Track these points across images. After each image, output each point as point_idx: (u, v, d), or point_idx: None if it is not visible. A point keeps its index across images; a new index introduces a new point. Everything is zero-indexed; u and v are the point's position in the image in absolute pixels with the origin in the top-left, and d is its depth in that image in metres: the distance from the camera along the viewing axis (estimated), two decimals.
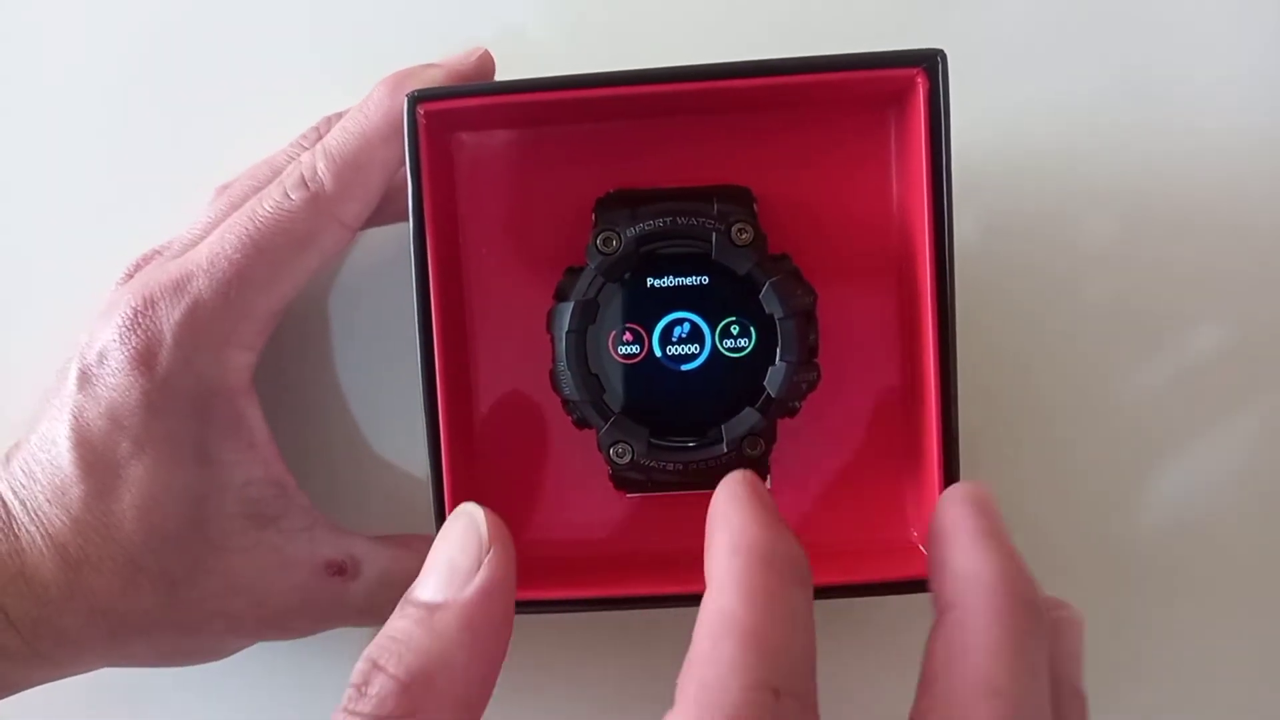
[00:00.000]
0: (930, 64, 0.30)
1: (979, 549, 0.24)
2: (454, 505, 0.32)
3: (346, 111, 0.36)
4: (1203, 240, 0.40)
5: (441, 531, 0.27)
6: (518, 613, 0.33)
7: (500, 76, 0.36)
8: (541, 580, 0.33)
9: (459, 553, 0.26)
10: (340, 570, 0.36)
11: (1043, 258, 0.40)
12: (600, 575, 0.33)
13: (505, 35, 0.40)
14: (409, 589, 0.26)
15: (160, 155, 0.41)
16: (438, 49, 0.36)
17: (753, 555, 0.23)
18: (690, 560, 0.34)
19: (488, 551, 0.26)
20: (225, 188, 0.37)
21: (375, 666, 0.24)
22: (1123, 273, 0.40)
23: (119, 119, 0.41)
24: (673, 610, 0.39)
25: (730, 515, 0.24)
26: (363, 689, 0.24)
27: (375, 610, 0.36)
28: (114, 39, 0.41)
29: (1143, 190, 0.40)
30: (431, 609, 0.25)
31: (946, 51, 0.30)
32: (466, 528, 0.26)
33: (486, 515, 0.26)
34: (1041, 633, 0.23)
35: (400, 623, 0.25)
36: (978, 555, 0.24)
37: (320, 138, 0.36)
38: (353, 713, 0.24)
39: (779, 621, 0.22)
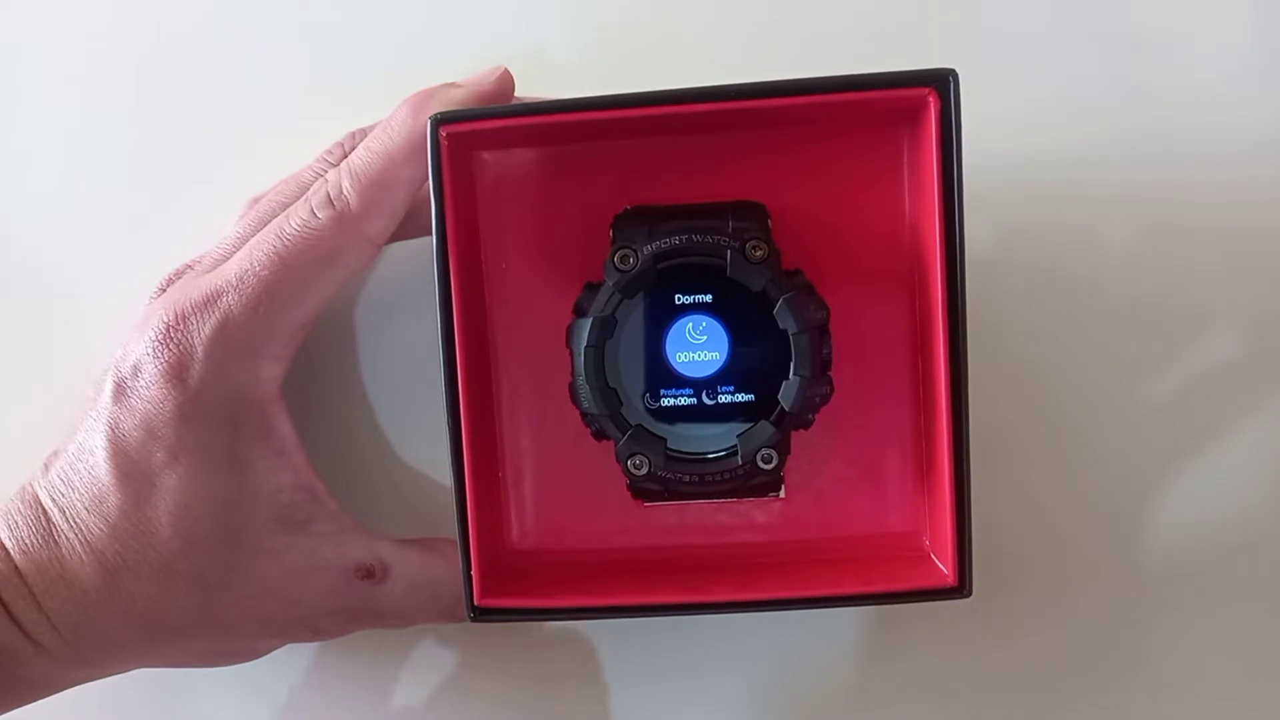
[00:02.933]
0: (942, 83, 0.31)
1: None
2: (476, 512, 0.33)
3: (370, 127, 0.37)
4: (1219, 245, 0.40)
5: None
6: (538, 620, 0.34)
7: (522, 92, 0.37)
8: (562, 588, 0.34)
9: None
10: (369, 573, 0.37)
11: (1059, 264, 0.40)
12: (620, 582, 0.34)
13: (527, 53, 0.41)
14: None
15: (194, 170, 0.42)
16: (461, 65, 0.37)
17: None
18: (709, 567, 0.35)
19: None
20: (257, 200, 0.38)
21: None
22: (1139, 279, 0.40)
23: (152, 135, 0.42)
24: (691, 616, 0.40)
25: None
26: None
27: (403, 612, 0.37)
28: (145, 54, 0.42)
29: (1159, 197, 0.40)
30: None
31: (965, 60, 0.31)
32: None
33: None
34: None
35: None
36: None
37: (345, 153, 0.37)
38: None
39: None
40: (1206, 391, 0.40)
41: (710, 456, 0.33)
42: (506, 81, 0.36)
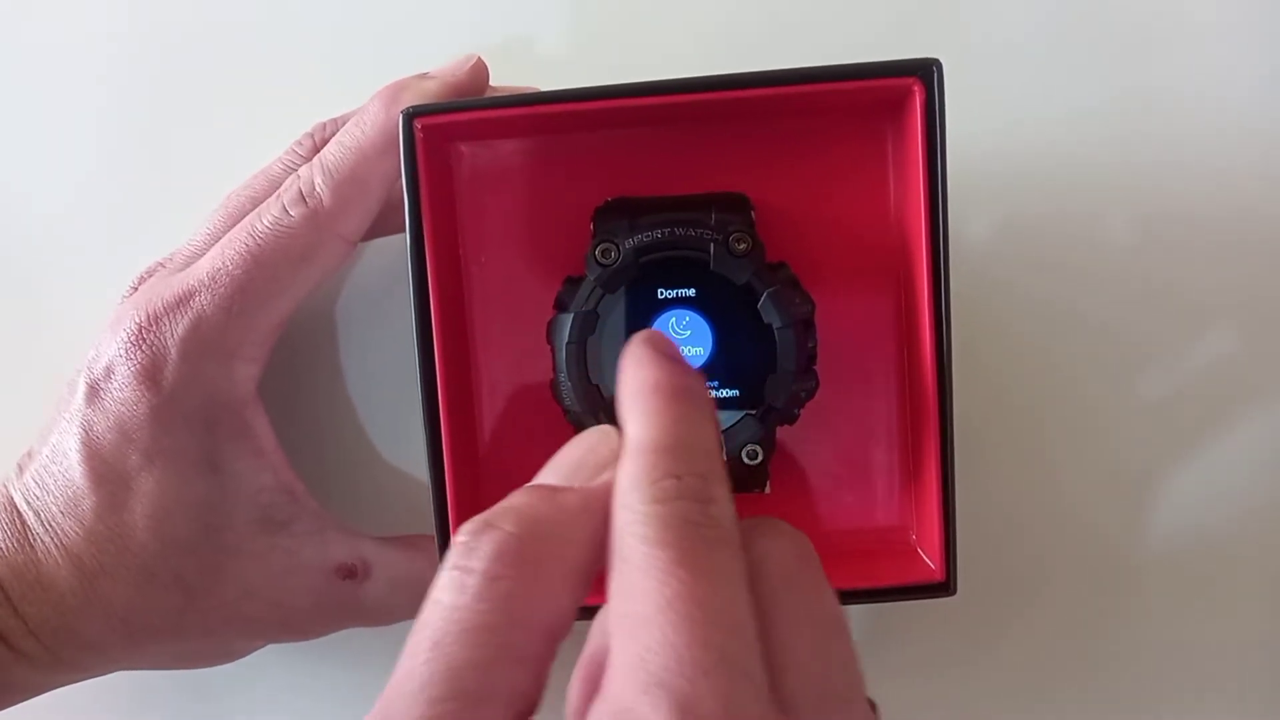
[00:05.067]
0: (926, 73, 0.30)
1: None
2: (456, 512, 0.32)
3: (341, 118, 0.36)
4: (1216, 232, 0.39)
5: (576, 437, 0.26)
6: None
7: (502, 79, 0.36)
8: None
9: (586, 452, 0.26)
10: (351, 573, 0.36)
11: (1053, 253, 0.40)
12: (601, 582, 0.34)
13: (505, 44, 0.40)
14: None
15: (168, 167, 0.41)
16: (438, 56, 0.36)
17: (645, 388, 0.25)
18: None
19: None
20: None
21: (488, 525, 0.23)
22: (1135, 267, 0.40)
23: (124, 132, 0.41)
24: None
25: (627, 367, 0.26)
26: (472, 544, 0.23)
27: (385, 611, 0.37)
28: (118, 49, 0.41)
29: (1153, 183, 0.39)
30: (554, 489, 0.25)
31: (959, 56, 0.30)
32: (599, 438, 0.26)
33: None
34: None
35: (518, 496, 0.24)
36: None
37: (314, 145, 0.36)
38: (463, 569, 0.22)
39: (671, 428, 0.24)
40: (1205, 383, 0.40)
41: None
42: (480, 71, 0.35)
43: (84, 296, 0.41)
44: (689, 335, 0.32)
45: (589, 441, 0.26)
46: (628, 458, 0.24)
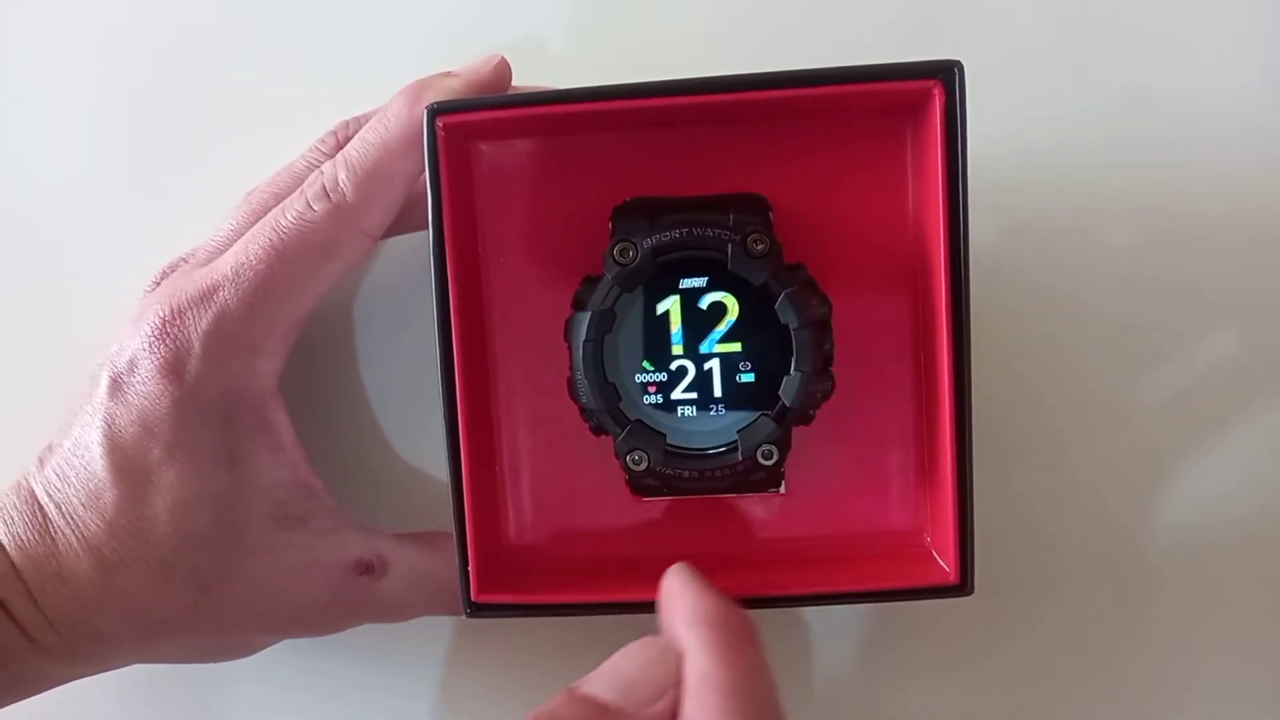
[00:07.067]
0: (947, 75, 0.30)
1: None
2: (473, 507, 0.33)
3: (364, 116, 0.37)
4: (1224, 235, 0.39)
5: (629, 648, 0.27)
6: (535, 616, 0.34)
7: (520, 81, 0.36)
8: (559, 584, 0.34)
9: (642, 670, 0.26)
10: (368, 569, 0.36)
11: (1063, 262, 0.39)
12: (617, 579, 0.34)
13: (526, 42, 0.40)
14: (577, 683, 0.27)
15: (189, 162, 0.41)
16: (458, 54, 0.36)
17: (710, 621, 0.26)
18: (705, 563, 0.35)
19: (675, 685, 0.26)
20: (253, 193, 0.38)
21: None
22: (1142, 278, 0.39)
23: (146, 127, 0.42)
24: None
25: (684, 594, 0.27)
26: None
27: (401, 607, 0.37)
28: (139, 44, 0.42)
29: (1161, 197, 0.39)
30: (606, 709, 0.25)
31: (968, 59, 0.30)
32: (656, 656, 0.27)
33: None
34: None
35: (567, 709, 0.25)
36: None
37: (338, 143, 0.36)
38: None
39: (745, 672, 0.25)
40: (1219, 380, 0.40)
41: (710, 452, 0.33)
42: (503, 70, 0.35)
43: (102, 291, 0.41)
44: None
45: (645, 658, 0.27)
46: (701, 692, 0.25)
